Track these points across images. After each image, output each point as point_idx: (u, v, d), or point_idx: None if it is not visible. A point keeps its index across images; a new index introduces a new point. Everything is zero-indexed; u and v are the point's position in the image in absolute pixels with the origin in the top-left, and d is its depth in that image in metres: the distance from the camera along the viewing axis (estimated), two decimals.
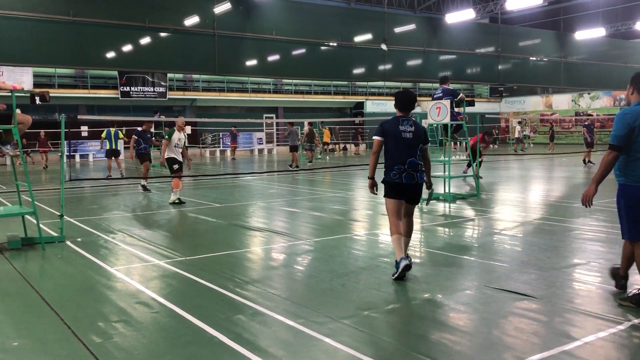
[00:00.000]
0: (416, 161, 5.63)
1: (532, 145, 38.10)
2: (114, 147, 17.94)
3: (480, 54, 44.87)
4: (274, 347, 3.87)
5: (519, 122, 35.04)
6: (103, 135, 18.23)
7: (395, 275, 5.46)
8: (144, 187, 13.94)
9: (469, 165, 15.51)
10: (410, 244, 6.31)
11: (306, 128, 25.40)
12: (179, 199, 11.53)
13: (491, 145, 16.16)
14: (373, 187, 5.90)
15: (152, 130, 18.45)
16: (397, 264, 5.47)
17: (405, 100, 5.76)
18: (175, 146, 11.54)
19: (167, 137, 11.60)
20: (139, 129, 14.72)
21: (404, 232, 5.71)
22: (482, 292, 5.06)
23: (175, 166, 11.54)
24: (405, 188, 5.65)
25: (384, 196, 5.83)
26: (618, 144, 4.48)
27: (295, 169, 21.33)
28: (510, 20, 49.25)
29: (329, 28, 37.94)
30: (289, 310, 4.64)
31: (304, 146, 25.02)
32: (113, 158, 18.14)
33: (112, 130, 17.96)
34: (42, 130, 25.47)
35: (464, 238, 7.82)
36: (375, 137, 5.76)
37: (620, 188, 4.62)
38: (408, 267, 5.44)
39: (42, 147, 25.38)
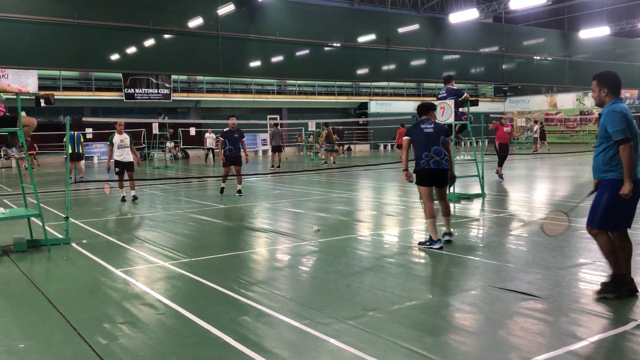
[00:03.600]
0: (440, 149, 6.82)
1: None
2: (76, 150, 18.33)
3: (484, 53, 44.76)
4: (279, 348, 3.87)
5: (535, 122, 34.78)
6: (66, 139, 18.50)
7: (424, 247, 6.82)
8: (239, 192, 12.97)
9: (500, 165, 15.30)
10: (414, 244, 7.04)
11: (325, 130, 24.90)
12: (123, 197, 12.31)
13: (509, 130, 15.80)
14: (409, 176, 7.11)
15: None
16: (433, 242, 6.76)
17: (423, 107, 7.21)
18: (119, 147, 12.08)
19: (109, 142, 12.24)
20: (225, 129, 13.00)
21: (443, 212, 7.13)
22: (487, 292, 5.05)
23: (117, 169, 12.18)
24: (433, 173, 6.83)
25: (417, 184, 7.03)
26: (628, 136, 4.52)
27: (276, 169, 21.62)
28: (514, 20, 49.12)
29: (333, 29, 37.91)
30: (294, 311, 4.64)
31: (326, 147, 24.65)
32: (76, 161, 18.57)
33: (75, 134, 18.25)
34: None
35: (468, 238, 7.81)
36: (404, 138, 7.11)
37: (610, 183, 4.64)
38: (441, 247, 6.73)
39: (28, 150, 25.05)
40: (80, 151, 18.65)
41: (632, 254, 4.85)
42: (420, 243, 7.01)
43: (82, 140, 18.87)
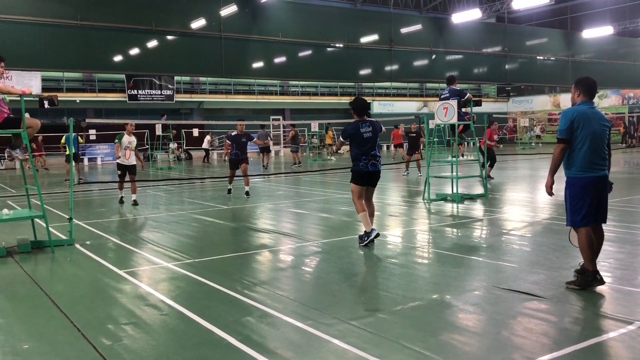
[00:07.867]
0: (377, 153, 7.20)
1: (540, 145, 38.02)
2: (74, 151, 18.24)
3: (487, 53, 44.72)
4: (282, 349, 3.88)
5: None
6: (62, 140, 18.46)
7: (364, 243, 6.97)
8: (246, 193, 12.94)
9: (483, 167, 15.20)
10: (417, 245, 7.20)
11: (292, 131, 25.83)
12: (121, 197, 12.32)
13: (497, 135, 15.99)
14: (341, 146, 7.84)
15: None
16: (368, 234, 6.95)
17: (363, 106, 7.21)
18: (125, 148, 11.97)
19: (117, 140, 12.05)
20: (232, 133, 13.04)
21: (369, 213, 7.19)
22: (490, 292, 5.04)
23: (119, 172, 12.14)
24: (370, 175, 7.12)
25: (351, 182, 7.21)
26: (562, 137, 4.96)
27: (264, 169, 22.26)
28: (517, 20, 49.09)
29: (335, 29, 37.94)
30: (297, 311, 4.64)
31: (291, 148, 25.72)
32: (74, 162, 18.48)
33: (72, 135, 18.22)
34: (40, 135, 25.33)
35: (472, 238, 7.80)
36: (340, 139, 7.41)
37: (567, 181, 5.06)
38: (377, 235, 7.05)
39: (38, 151, 25.12)
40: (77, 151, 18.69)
41: (599, 248, 5.15)
42: (360, 242, 7.10)
43: (80, 141, 18.88)
